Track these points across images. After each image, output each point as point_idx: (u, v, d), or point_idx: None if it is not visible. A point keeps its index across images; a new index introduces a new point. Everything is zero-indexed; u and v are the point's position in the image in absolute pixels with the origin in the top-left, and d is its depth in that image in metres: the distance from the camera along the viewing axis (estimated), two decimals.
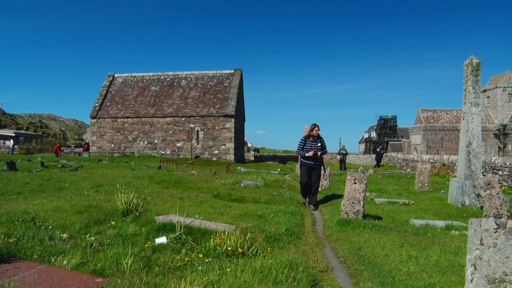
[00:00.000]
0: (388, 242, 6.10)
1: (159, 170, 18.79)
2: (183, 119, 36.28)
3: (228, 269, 4.19)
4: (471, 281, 2.47)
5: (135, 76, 41.21)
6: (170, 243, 5.12)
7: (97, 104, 38.50)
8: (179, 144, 36.26)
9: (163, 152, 36.23)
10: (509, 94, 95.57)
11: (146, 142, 36.73)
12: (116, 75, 41.58)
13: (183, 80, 39.80)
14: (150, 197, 9.30)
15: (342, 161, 32.38)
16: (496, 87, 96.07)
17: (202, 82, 39.22)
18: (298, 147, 10.52)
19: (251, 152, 62.39)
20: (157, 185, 12.49)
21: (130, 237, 5.27)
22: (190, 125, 36.11)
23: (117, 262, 4.28)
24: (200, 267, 4.28)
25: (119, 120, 37.19)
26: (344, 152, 32.88)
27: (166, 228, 5.70)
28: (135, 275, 3.88)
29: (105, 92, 39.59)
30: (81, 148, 42.40)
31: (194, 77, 39.94)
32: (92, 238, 5.11)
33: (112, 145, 37.21)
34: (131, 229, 5.53)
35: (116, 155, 35.22)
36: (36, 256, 4.37)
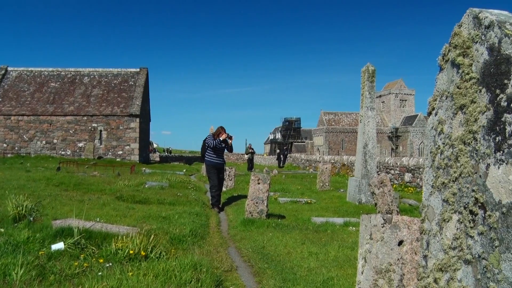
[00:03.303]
0: (290, 240, 6.30)
1: (58, 171, 17.72)
2: (85, 118, 34.53)
3: (130, 273, 4.07)
4: (362, 272, 2.64)
5: (32, 70, 38.39)
6: (68, 249, 4.85)
7: None
8: (80, 144, 34.47)
9: (63, 153, 34.20)
10: (400, 100, 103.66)
11: (44, 142, 34.41)
12: (9, 68, 38.41)
13: (86, 77, 37.89)
14: (47, 200, 8.74)
15: (250, 161, 31.63)
16: (389, 93, 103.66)
17: (106, 80, 37.64)
18: (209, 140, 10.31)
19: (157, 152, 61.08)
20: (55, 187, 11.77)
21: (22, 245, 4.88)
22: (93, 125, 34.49)
23: (5, 273, 3.92)
24: (100, 273, 4.10)
25: (13, 117, 34.43)
26: (251, 151, 32.20)
27: (64, 233, 5.38)
28: (26, 286, 3.63)
29: None
30: None
31: (97, 75, 38.18)
32: None
33: (5, 145, 34.36)
34: (23, 236, 5.13)
35: (9, 155, 32.59)
36: None
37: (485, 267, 1.74)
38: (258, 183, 8.03)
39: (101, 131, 34.53)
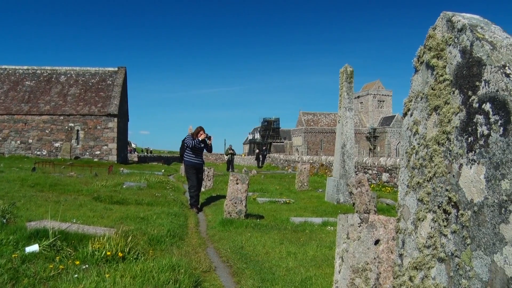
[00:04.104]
0: (269, 240, 6.32)
1: (33, 172, 17.40)
2: (62, 117, 33.95)
3: (107, 275, 4.03)
4: (339, 272, 2.67)
5: (5, 68, 37.49)
6: (43, 251, 4.76)
7: None
8: (57, 144, 33.89)
9: (39, 153, 33.57)
10: (378, 100, 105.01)
11: (19, 142, 33.71)
12: None
13: (62, 76, 37.23)
14: (21, 201, 8.57)
15: (230, 162, 31.30)
16: (367, 94, 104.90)
17: (83, 79, 37.07)
18: (187, 140, 10.25)
19: (135, 153, 60.45)
20: (30, 188, 11.55)
21: None
22: (70, 124, 33.94)
23: None
24: (76, 275, 4.04)
25: None
26: (231, 152, 31.85)
27: (39, 235, 5.27)
28: None
29: None
30: None
31: (74, 73, 37.56)
32: None
33: None
34: None
35: None
36: None
37: (458, 265, 1.78)
38: (237, 183, 8.03)
39: (78, 130, 34.03)
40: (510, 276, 1.51)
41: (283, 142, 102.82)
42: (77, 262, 4.48)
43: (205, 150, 10.57)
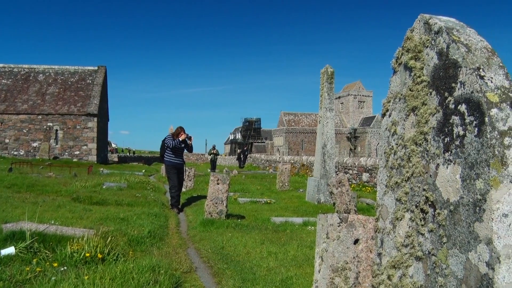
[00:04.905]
0: (250, 240, 6.32)
1: (10, 172, 17.09)
2: (40, 117, 33.39)
3: (86, 277, 3.97)
4: (319, 271, 2.68)
5: None
6: (19, 254, 4.66)
7: None
8: (35, 144, 33.32)
9: (16, 153, 32.96)
10: (359, 101, 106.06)
11: None
12: None
13: (41, 75, 36.61)
14: None
15: (213, 161, 31.18)
16: (348, 95, 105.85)
17: (62, 78, 36.51)
18: (168, 140, 10.17)
19: (115, 153, 59.83)
20: (6, 189, 11.34)
21: None
22: (48, 124, 33.41)
23: None
24: (53, 277, 3.98)
25: None
26: (214, 152, 31.62)
27: (16, 237, 5.16)
28: None
29: None
30: None
31: (53, 72, 36.96)
32: None
33: None
34: None
35: None
36: None
37: (434, 263, 1.81)
38: (218, 184, 8.01)
39: (57, 130, 33.52)
40: (483, 273, 1.54)
41: (264, 142, 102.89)
42: (55, 264, 4.41)
43: (185, 150, 10.53)
